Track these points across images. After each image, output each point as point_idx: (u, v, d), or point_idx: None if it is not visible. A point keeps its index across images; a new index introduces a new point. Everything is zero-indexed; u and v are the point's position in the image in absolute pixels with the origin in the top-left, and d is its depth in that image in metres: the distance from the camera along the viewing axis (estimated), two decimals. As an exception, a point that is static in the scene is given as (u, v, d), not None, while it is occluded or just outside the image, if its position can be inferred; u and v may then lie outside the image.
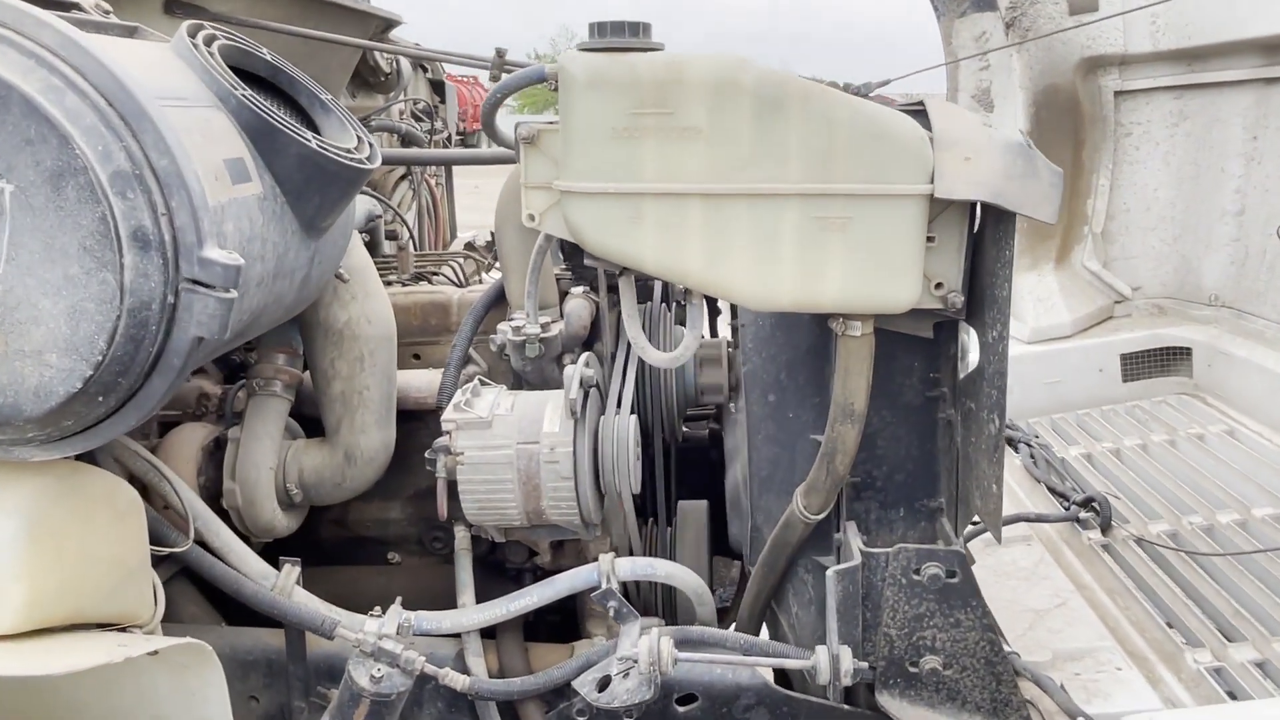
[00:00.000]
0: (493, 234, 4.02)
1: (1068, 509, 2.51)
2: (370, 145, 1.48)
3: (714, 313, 2.60)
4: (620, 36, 1.29)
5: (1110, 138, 3.43)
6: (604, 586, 1.72)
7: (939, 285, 1.40)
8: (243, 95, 1.23)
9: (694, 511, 2.27)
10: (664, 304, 2.32)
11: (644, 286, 2.28)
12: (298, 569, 1.71)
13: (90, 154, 0.97)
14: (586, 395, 1.77)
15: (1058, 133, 3.53)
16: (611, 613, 1.73)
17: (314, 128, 1.50)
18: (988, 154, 1.32)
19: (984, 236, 1.41)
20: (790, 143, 1.29)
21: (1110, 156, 3.44)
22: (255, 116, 1.24)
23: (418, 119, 3.65)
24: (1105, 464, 2.84)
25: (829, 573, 1.57)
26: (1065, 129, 3.52)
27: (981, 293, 1.43)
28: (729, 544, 2.30)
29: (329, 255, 1.53)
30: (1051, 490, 2.66)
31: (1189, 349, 3.20)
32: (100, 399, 1.06)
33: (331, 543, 2.32)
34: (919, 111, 1.42)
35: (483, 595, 2.11)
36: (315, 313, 1.79)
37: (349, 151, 1.40)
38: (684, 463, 2.41)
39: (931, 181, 1.30)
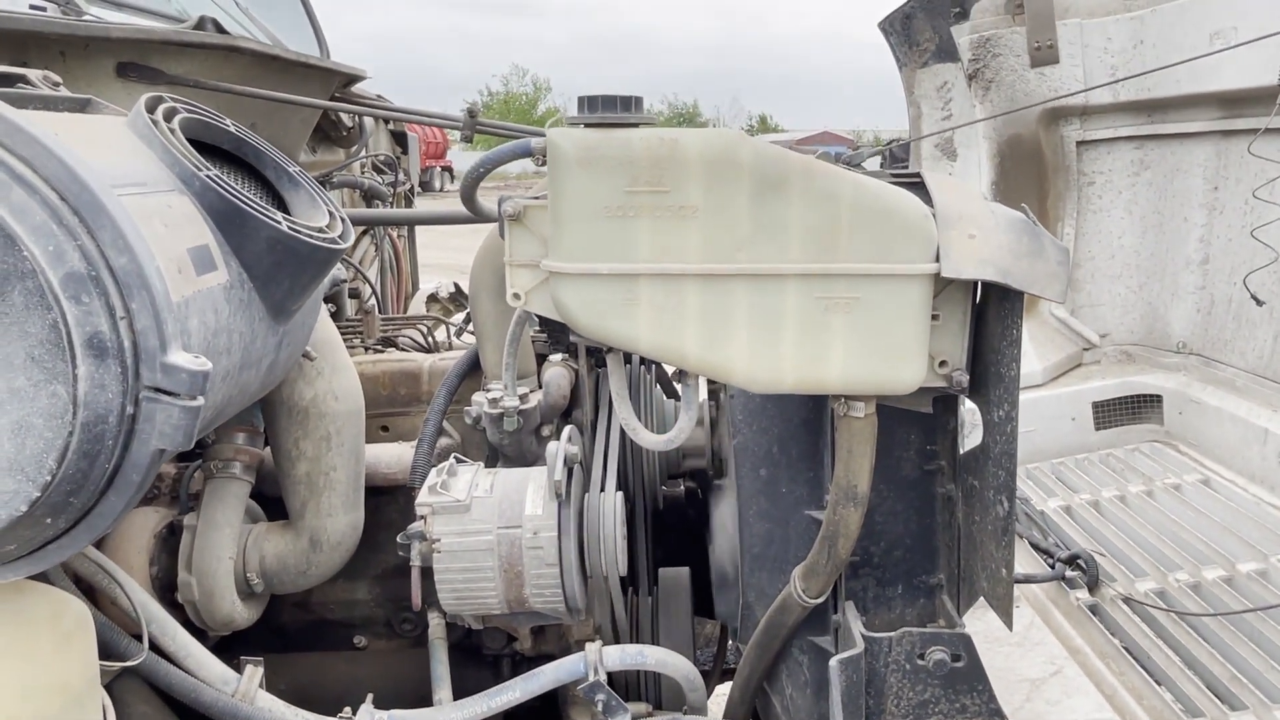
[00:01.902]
0: (456, 284, 3.93)
1: (1053, 567, 2.47)
2: (343, 221, 1.39)
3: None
4: (612, 111, 1.23)
5: (1074, 186, 3.47)
6: (591, 678, 1.63)
7: (943, 363, 1.35)
8: (208, 177, 1.14)
9: (677, 580, 2.18)
10: (644, 365, 2.25)
11: (623, 350, 2.20)
12: (260, 670, 1.58)
13: (40, 255, 0.87)
14: (571, 474, 1.68)
15: (1022, 182, 3.56)
16: (600, 706, 1.63)
17: (281, 203, 1.41)
18: (992, 231, 1.27)
19: (987, 313, 1.36)
20: (791, 221, 1.23)
21: (1074, 205, 3.47)
22: (221, 199, 1.14)
23: (379, 171, 3.56)
24: (1085, 517, 2.81)
25: (832, 663, 1.50)
26: (1029, 178, 3.55)
27: (985, 370, 1.38)
28: (712, 610, 2.22)
29: (297, 338, 1.44)
30: (1035, 546, 2.62)
31: (1159, 396, 3.22)
32: (48, 521, 0.95)
33: (293, 627, 2.19)
34: (916, 184, 1.38)
35: (458, 682, 2.00)
36: (279, 391, 1.69)
37: (321, 231, 1.31)
38: (661, 524, 2.33)
39: (937, 260, 1.25)
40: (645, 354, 1.31)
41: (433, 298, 3.77)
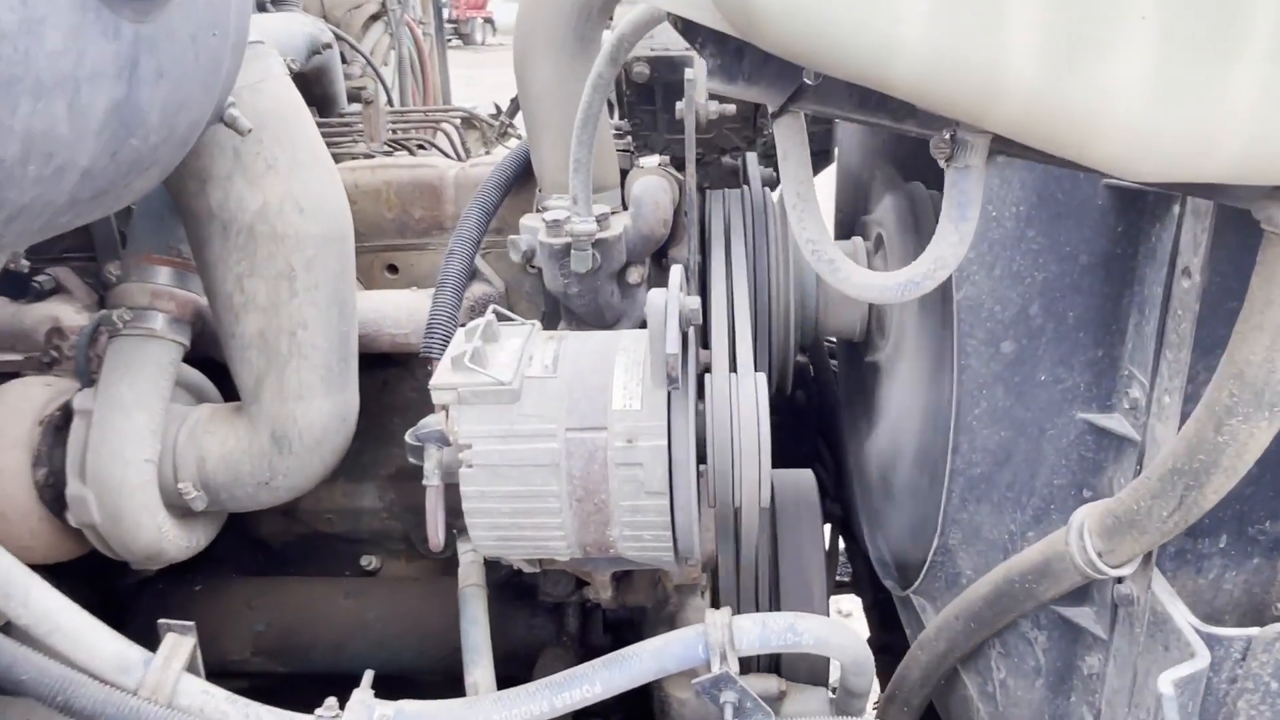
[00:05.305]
0: (497, 105, 3.18)
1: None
2: None
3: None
4: None
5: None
6: (716, 667, 1.01)
7: None
8: None
9: (800, 486, 1.55)
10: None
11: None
12: (189, 642, 0.98)
13: None
14: (685, 343, 1.01)
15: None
16: (729, 711, 1.02)
17: None
18: None
19: None
20: None
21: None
22: None
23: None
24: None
25: (1167, 682, 0.85)
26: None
27: None
28: (851, 528, 1.63)
29: (185, 63, 0.74)
30: None
31: None
32: None
33: (279, 541, 1.60)
34: None
35: (506, 633, 1.41)
36: (201, 195, 1.02)
37: None
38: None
39: None
40: (904, 92, 0.61)
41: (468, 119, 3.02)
